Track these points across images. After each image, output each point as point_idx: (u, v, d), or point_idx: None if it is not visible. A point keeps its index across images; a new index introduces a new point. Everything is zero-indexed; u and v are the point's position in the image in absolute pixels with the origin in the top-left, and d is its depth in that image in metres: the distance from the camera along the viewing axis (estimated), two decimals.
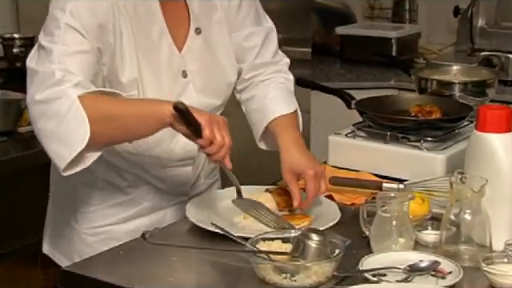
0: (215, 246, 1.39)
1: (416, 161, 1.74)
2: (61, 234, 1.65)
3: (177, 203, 1.65)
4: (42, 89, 1.37)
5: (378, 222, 1.39)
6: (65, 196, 1.64)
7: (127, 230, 1.60)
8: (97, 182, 1.60)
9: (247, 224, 1.50)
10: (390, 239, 1.37)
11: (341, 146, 1.85)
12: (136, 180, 1.60)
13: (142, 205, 1.62)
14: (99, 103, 1.38)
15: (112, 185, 1.60)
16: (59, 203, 1.67)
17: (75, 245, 1.62)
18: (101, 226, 1.61)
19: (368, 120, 1.87)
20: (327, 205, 1.59)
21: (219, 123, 1.37)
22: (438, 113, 1.85)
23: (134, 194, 1.61)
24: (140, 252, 1.40)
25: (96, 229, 1.61)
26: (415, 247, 1.39)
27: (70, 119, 1.35)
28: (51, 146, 1.38)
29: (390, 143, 1.80)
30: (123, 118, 1.38)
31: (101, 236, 1.61)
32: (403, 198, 1.39)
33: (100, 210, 1.61)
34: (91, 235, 1.61)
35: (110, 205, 1.61)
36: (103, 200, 1.60)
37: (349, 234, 1.37)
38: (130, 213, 1.62)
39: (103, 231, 1.61)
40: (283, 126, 1.58)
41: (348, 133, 1.88)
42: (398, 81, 3.07)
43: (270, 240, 1.33)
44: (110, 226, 1.61)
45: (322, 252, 1.27)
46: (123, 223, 1.61)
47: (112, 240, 1.56)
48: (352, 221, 1.51)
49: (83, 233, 1.62)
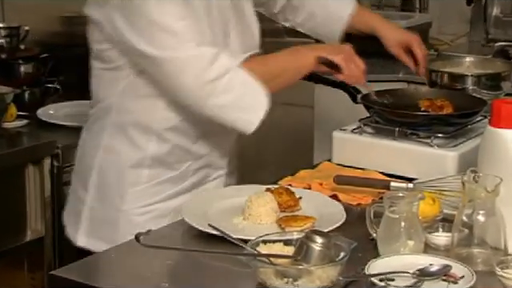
0: (213, 248, 1.40)
1: (426, 158, 1.74)
2: (103, 220, 1.71)
3: (216, 177, 1.80)
4: (203, 70, 1.55)
5: (386, 223, 1.39)
6: (109, 178, 1.71)
7: (174, 207, 1.70)
8: (145, 161, 1.68)
9: (247, 225, 1.51)
10: (399, 242, 1.38)
11: (346, 142, 1.85)
12: (183, 155, 1.71)
13: (188, 180, 1.74)
14: (260, 66, 1.63)
15: (160, 162, 1.70)
16: (101, 191, 1.72)
17: (121, 228, 1.69)
18: (149, 205, 1.70)
19: (375, 115, 1.87)
20: (332, 205, 1.59)
21: (351, 54, 1.71)
22: (450, 107, 1.86)
23: (180, 169, 1.72)
24: (133, 255, 1.41)
25: (144, 208, 1.70)
26: (425, 250, 1.40)
27: (245, 88, 1.59)
28: (234, 116, 1.60)
29: (398, 140, 1.80)
30: (284, 73, 1.68)
31: (149, 214, 1.70)
32: (412, 198, 1.40)
33: (148, 189, 1.70)
34: (139, 215, 1.69)
35: (158, 182, 1.71)
36: (151, 178, 1.70)
37: (355, 236, 1.37)
38: (177, 189, 1.73)
39: (151, 209, 1.70)
40: (364, 13, 1.94)
41: (354, 129, 1.88)
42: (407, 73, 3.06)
43: (271, 242, 1.34)
44: (157, 203, 1.71)
45: (326, 255, 1.27)
46: (170, 200, 1.72)
47: (159, 217, 1.68)
48: (358, 222, 1.51)
49: (131, 213, 1.69)
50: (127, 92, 1.66)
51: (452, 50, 3.07)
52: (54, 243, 2.41)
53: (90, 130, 1.76)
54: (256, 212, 1.52)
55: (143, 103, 1.66)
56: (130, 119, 1.68)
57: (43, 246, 2.38)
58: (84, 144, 1.78)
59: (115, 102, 1.68)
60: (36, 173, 2.39)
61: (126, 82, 1.65)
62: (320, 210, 1.57)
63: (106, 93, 1.70)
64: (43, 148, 2.42)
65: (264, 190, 1.63)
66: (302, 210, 1.59)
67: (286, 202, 1.59)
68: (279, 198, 1.59)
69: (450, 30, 3.44)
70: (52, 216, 2.43)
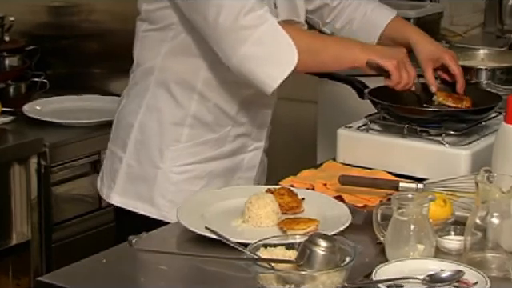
0: (210, 253, 1.40)
1: (437, 157, 1.75)
2: (140, 177, 1.80)
3: (254, 149, 1.88)
4: (242, 15, 1.62)
5: (394, 226, 1.40)
6: (150, 135, 1.79)
7: (210, 170, 1.80)
8: (186, 120, 1.78)
9: (246, 228, 1.51)
10: (408, 246, 1.38)
11: (352, 140, 1.86)
12: (223, 118, 1.80)
13: (226, 146, 1.82)
14: (301, 35, 1.69)
15: (201, 122, 1.78)
16: (141, 148, 1.80)
17: (159, 185, 1.78)
18: (187, 164, 1.78)
19: (383, 111, 1.87)
20: (336, 207, 1.60)
21: (403, 62, 1.74)
22: (469, 101, 1.86)
23: (220, 132, 1.80)
24: (125, 260, 1.41)
25: (183, 166, 1.78)
26: (436, 255, 1.40)
27: (277, 44, 1.64)
28: (260, 69, 1.65)
29: (407, 137, 1.80)
30: (323, 55, 1.71)
31: (187, 174, 1.79)
32: (422, 200, 1.40)
33: (188, 148, 1.79)
34: (178, 173, 1.78)
35: (198, 143, 1.79)
36: (192, 137, 1.79)
37: (361, 239, 1.38)
38: (215, 153, 1.81)
39: (189, 169, 1.79)
40: (402, 23, 1.98)
41: (360, 126, 1.88)
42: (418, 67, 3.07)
43: (272, 246, 1.34)
44: (196, 164, 1.79)
45: (330, 260, 1.28)
46: (208, 162, 1.80)
47: (197, 178, 1.79)
48: (364, 225, 1.51)
49: (170, 171, 1.78)
50: (172, 52, 1.74)
51: (465, 42, 3.07)
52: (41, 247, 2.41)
53: (129, 94, 1.85)
54: (256, 214, 1.53)
55: (188, 62, 1.74)
56: (173, 77, 1.76)
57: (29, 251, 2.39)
58: (123, 109, 1.86)
59: (159, 63, 1.76)
60: (22, 173, 2.40)
61: (172, 43, 1.73)
62: (324, 212, 1.57)
63: (150, 54, 1.78)
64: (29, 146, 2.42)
65: (264, 190, 1.63)
66: (305, 211, 1.59)
67: (288, 204, 1.59)
68: (281, 200, 1.59)
69: (462, 20, 3.44)
70: (39, 218, 2.43)
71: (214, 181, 1.81)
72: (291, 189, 1.65)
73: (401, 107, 1.84)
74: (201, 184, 1.79)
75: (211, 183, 1.80)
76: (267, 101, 1.84)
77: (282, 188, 1.65)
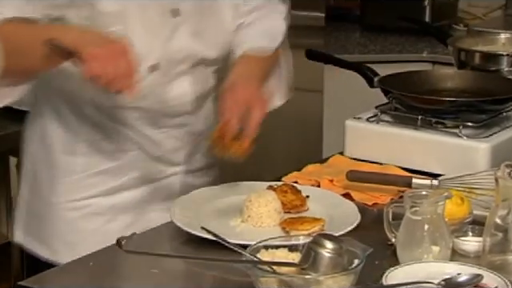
0: (206, 255, 1.41)
1: (453, 151, 1.75)
2: (36, 214, 1.72)
3: (171, 175, 1.74)
4: None
5: (407, 226, 1.40)
6: (40, 167, 1.72)
7: (113, 204, 1.69)
8: (79, 147, 1.68)
9: (246, 228, 1.52)
10: (422, 247, 1.38)
11: (361, 132, 1.86)
12: (125, 142, 1.68)
13: (131, 174, 1.70)
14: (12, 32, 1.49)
15: (97, 149, 1.68)
16: (33, 177, 1.73)
17: (52, 224, 1.69)
18: (83, 199, 1.69)
19: (394, 101, 1.88)
20: (344, 205, 1.60)
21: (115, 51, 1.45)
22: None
23: (122, 160, 1.69)
24: (114, 263, 1.41)
25: (77, 202, 1.69)
26: (452, 257, 1.40)
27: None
28: None
29: (421, 129, 1.81)
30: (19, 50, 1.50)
31: (83, 211, 1.68)
32: (437, 197, 1.40)
33: (82, 180, 1.69)
34: (71, 210, 1.68)
35: (95, 173, 1.69)
36: (86, 167, 1.68)
37: (370, 240, 1.38)
38: (117, 183, 1.70)
39: (85, 205, 1.69)
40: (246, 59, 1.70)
41: (370, 117, 1.89)
42: (432, 52, 3.08)
43: (274, 248, 1.34)
44: (93, 198, 1.69)
45: (337, 263, 1.28)
46: (109, 195, 1.70)
47: (96, 215, 1.68)
48: (374, 225, 1.52)
49: (62, 208, 1.68)
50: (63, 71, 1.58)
51: (485, 26, 3.07)
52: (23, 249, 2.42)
53: (31, 111, 1.77)
54: (256, 213, 1.53)
55: (73, 78, 1.58)
56: (60, 96, 1.67)
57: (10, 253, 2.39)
58: (22, 133, 1.78)
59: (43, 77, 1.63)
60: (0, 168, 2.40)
61: None
62: (330, 210, 1.58)
63: None
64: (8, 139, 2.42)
65: (266, 187, 1.64)
66: (310, 210, 1.60)
67: (291, 202, 1.59)
68: (283, 197, 1.59)
69: (482, 1, 3.43)
70: None
71: (120, 216, 1.70)
72: (295, 185, 1.65)
73: (414, 96, 1.85)
74: (101, 221, 1.69)
75: (116, 219, 1.69)
76: (179, 120, 1.69)
77: (284, 185, 1.65)
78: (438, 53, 3.01)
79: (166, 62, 1.63)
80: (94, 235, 1.65)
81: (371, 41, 3.27)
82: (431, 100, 1.84)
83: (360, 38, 3.33)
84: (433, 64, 3.01)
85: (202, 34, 1.67)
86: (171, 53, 1.64)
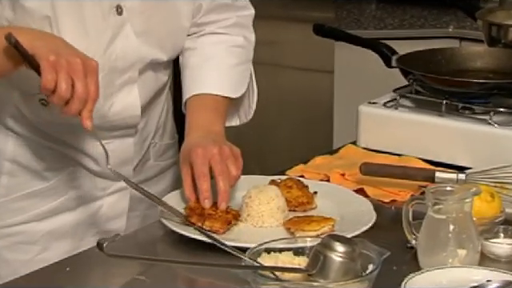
0: (200, 259, 1.41)
1: (483, 141, 1.76)
2: None
3: (116, 191, 1.70)
4: None
5: (429, 226, 1.41)
6: None
7: (48, 230, 1.66)
8: (3, 166, 1.64)
9: (245, 229, 1.53)
10: (446, 251, 1.39)
11: (376, 119, 1.87)
12: (57, 160, 1.65)
13: (68, 194, 1.67)
14: None
15: (24, 168, 1.64)
16: None
17: None
18: (10, 226, 1.65)
19: (415, 83, 1.88)
20: (357, 202, 1.61)
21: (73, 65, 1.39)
22: None
23: (55, 179, 1.66)
24: (94, 268, 1.42)
25: (3, 229, 1.65)
26: (481, 262, 1.41)
27: None
28: None
29: (446, 116, 1.81)
30: None
31: (10, 239, 1.65)
32: (464, 194, 1.41)
33: (9, 204, 1.65)
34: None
35: (23, 195, 1.65)
36: (13, 189, 1.65)
37: (387, 242, 1.39)
38: (51, 206, 1.66)
39: (14, 232, 1.65)
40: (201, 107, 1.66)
41: (387, 101, 1.89)
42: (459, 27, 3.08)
43: (277, 251, 1.35)
44: (22, 224, 1.65)
45: (349, 268, 1.29)
46: (41, 220, 1.66)
47: (26, 244, 1.63)
48: (392, 225, 1.52)
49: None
50: None
51: None
52: None
53: None
54: (257, 211, 1.54)
55: None
56: None
57: None
58: None
59: None
60: None
61: None
62: (341, 208, 1.59)
63: None
64: None
65: (268, 182, 1.64)
66: (318, 208, 1.60)
67: (297, 199, 1.60)
68: (288, 194, 1.60)
69: None
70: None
71: (56, 244, 1.65)
72: (301, 180, 1.66)
73: (438, 78, 1.85)
74: (34, 251, 1.64)
75: (51, 247, 1.65)
76: (124, 131, 1.65)
77: (289, 179, 1.66)
78: (466, 28, 3.01)
79: (107, 71, 1.57)
80: (26, 267, 1.53)
81: (389, 14, 3.27)
82: (458, 82, 1.84)
83: (376, 11, 3.33)
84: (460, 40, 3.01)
85: (152, 34, 1.62)
86: (114, 59, 1.58)
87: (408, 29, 3.13)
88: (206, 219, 1.49)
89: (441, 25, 3.14)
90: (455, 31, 3.07)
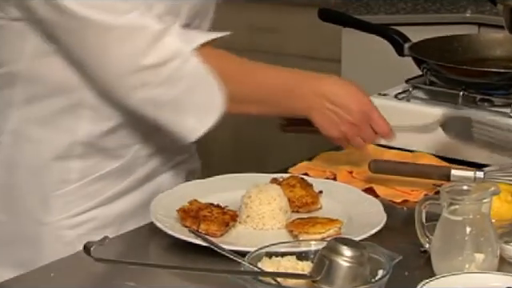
0: (195, 264, 1.42)
1: (503, 135, 1.76)
2: (18, 238, 1.71)
3: (173, 166, 1.81)
4: (142, 51, 1.57)
5: (444, 228, 1.41)
6: (23, 183, 1.70)
7: (118, 213, 1.73)
8: (75, 150, 1.69)
9: (244, 231, 1.53)
10: (462, 255, 1.39)
11: (387, 112, 1.86)
12: (127, 136, 1.72)
13: (137, 172, 1.75)
14: (223, 62, 1.65)
15: (96, 150, 1.70)
16: (12, 198, 1.71)
17: (46, 249, 1.68)
18: (84, 212, 1.71)
19: (429, 73, 1.89)
20: (366, 203, 1.62)
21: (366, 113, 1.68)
22: None
23: (126, 157, 1.73)
24: (81, 274, 1.43)
25: (77, 217, 1.70)
26: (500, 267, 1.41)
27: (195, 85, 1.61)
28: (170, 118, 1.63)
29: (463, 108, 1.82)
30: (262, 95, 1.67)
31: (86, 226, 1.70)
32: (482, 193, 1.41)
33: (82, 189, 1.71)
34: (71, 228, 1.69)
35: (95, 178, 1.71)
36: (86, 173, 1.70)
37: (399, 246, 1.39)
38: (121, 186, 1.74)
39: (87, 219, 1.71)
40: None
41: (398, 93, 1.90)
42: (477, 12, 3.08)
43: (279, 256, 1.35)
44: (95, 209, 1.72)
45: (357, 274, 1.29)
46: (112, 203, 1.74)
47: (100, 229, 1.69)
48: (403, 227, 1.53)
49: (59, 227, 1.69)
50: (43, 51, 1.63)
51: None
52: None
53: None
54: (257, 213, 1.55)
55: (67, 65, 1.63)
56: (48, 88, 1.66)
57: None
58: None
59: (24, 66, 1.66)
60: None
61: (42, 37, 1.62)
62: (349, 209, 1.59)
63: (8, 53, 1.67)
64: None
65: (269, 180, 1.65)
66: (324, 209, 1.61)
67: (301, 199, 1.61)
68: (290, 193, 1.61)
69: None
70: None
71: (126, 225, 1.69)
72: (305, 178, 1.67)
73: (455, 67, 1.85)
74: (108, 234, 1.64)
75: (123, 230, 1.67)
76: None
77: (292, 177, 1.67)
78: (485, 13, 3.01)
79: None
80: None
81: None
82: (476, 72, 1.85)
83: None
84: (478, 26, 3.02)
85: None
86: None
87: (422, 14, 3.13)
88: (201, 221, 1.49)
89: (458, 9, 3.14)
90: (473, 16, 3.07)
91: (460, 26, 2.97)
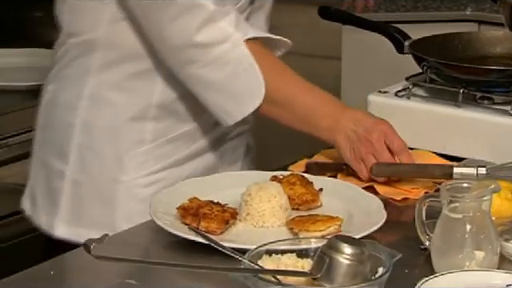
0: (195, 262, 1.42)
1: (504, 133, 1.76)
2: (94, 197, 1.79)
3: (237, 135, 1.90)
4: (195, 28, 1.65)
5: (444, 226, 1.41)
6: (99, 144, 1.79)
7: (188, 173, 1.82)
8: (150, 111, 1.77)
9: (244, 229, 1.54)
10: (462, 253, 1.39)
11: (387, 110, 1.87)
12: (199, 103, 1.76)
13: (203, 138, 1.84)
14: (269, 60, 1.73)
15: (169, 111, 1.79)
16: (89, 158, 1.80)
17: (121, 206, 1.78)
18: (155, 172, 1.80)
19: (430, 71, 1.89)
20: (366, 200, 1.62)
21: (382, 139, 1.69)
22: None
23: (196, 122, 1.82)
24: (81, 271, 1.44)
25: (151, 175, 1.79)
26: (501, 265, 1.42)
27: (240, 71, 1.69)
28: (212, 98, 1.71)
29: (463, 106, 1.82)
30: (294, 105, 1.74)
31: (158, 185, 1.78)
32: (483, 191, 1.41)
33: (155, 149, 1.80)
34: (146, 186, 1.79)
35: (168, 140, 1.81)
36: (159, 135, 1.80)
37: (399, 244, 1.40)
38: (190, 150, 1.83)
39: (161, 178, 1.80)
40: None
41: (398, 91, 1.90)
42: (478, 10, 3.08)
43: (279, 253, 1.35)
44: (166, 170, 1.81)
45: (357, 271, 1.29)
46: (181, 165, 1.82)
47: None
48: (404, 225, 1.54)
49: (134, 185, 1.78)
50: (122, 19, 1.73)
51: None
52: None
53: (59, 79, 1.83)
54: (257, 210, 1.55)
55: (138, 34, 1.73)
56: (126, 53, 1.76)
57: None
58: (53, 101, 1.84)
59: (103, 34, 1.75)
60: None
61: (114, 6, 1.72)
62: (349, 207, 1.60)
63: (87, 22, 1.77)
64: None
65: (269, 178, 1.65)
66: (324, 207, 1.61)
67: (301, 196, 1.61)
68: (291, 191, 1.61)
69: None
70: None
71: None
72: (305, 176, 1.67)
73: (455, 65, 1.85)
74: None
75: None
76: None
77: (292, 175, 1.67)
78: (485, 10, 3.01)
79: None
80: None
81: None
82: (476, 69, 1.85)
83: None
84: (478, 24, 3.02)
85: None
86: None
87: (422, 11, 3.13)
88: (201, 219, 1.50)
89: (458, 7, 3.14)
90: (473, 14, 3.07)
91: (460, 24, 2.96)
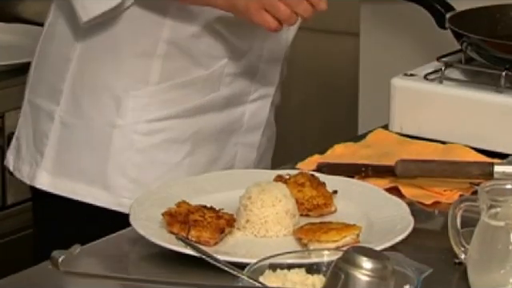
0: (184, 278, 1.42)
1: None
2: (84, 142, 1.82)
3: (259, 98, 1.93)
4: None
5: (484, 236, 1.41)
6: (97, 78, 1.81)
7: (196, 129, 1.85)
8: (159, 47, 1.80)
9: (243, 239, 1.54)
10: (505, 268, 1.39)
11: (415, 96, 1.87)
12: (217, 43, 1.82)
13: (220, 90, 1.86)
14: None
15: (182, 50, 1.81)
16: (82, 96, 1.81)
17: (115, 154, 1.81)
18: (161, 119, 1.82)
19: (469, 49, 1.88)
20: (389, 205, 1.62)
21: None
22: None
23: (213, 67, 1.84)
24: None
25: (151, 123, 1.82)
26: None
27: None
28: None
29: (505, 92, 1.82)
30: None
31: (161, 135, 1.82)
32: None
33: (161, 93, 1.82)
34: (146, 134, 1.82)
35: (177, 84, 1.82)
36: (167, 75, 1.82)
37: (429, 257, 1.39)
38: (202, 101, 1.85)
39: (164, 127, 1.83)
40: None
41: (429, 73, 1.90)
42: None
43: (285, 268, 1.36)
44: (174, 119, 1.83)
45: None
46: (193, 116, 1.85)
47: (176, 142, 1.83)
48: (435, 234, 1.54)
49: (133, 130, 1.81)
50: None
51: None
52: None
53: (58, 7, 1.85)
54: (259, 217, 1.55)
55: None
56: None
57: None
58: (49, 32, 1.86)
59: None
60: None
61: None
62: (369, 212, 1.60)
63: None
64: None
65: (273, 178, 1.65)
66: (339, 212, 1.61)
67: (311, 200, 1.61)
68: (299, 193, 1.61)
69: None
70: None
71: (202, 148, 1.85)
72: (316, 176, 1.67)
73: (501, 43, 1.85)
74: (183, 152, 1.83)
75: (198, 151, 1.84)
76: None
77: (301, 174, 1.67)
78: None
79: None
80: (173, 171, 1.79)
81: None
82: None
83: None
84: None
85: None
86: None
87: None
88: (191, 227, 1.50)
89: None
90: None
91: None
